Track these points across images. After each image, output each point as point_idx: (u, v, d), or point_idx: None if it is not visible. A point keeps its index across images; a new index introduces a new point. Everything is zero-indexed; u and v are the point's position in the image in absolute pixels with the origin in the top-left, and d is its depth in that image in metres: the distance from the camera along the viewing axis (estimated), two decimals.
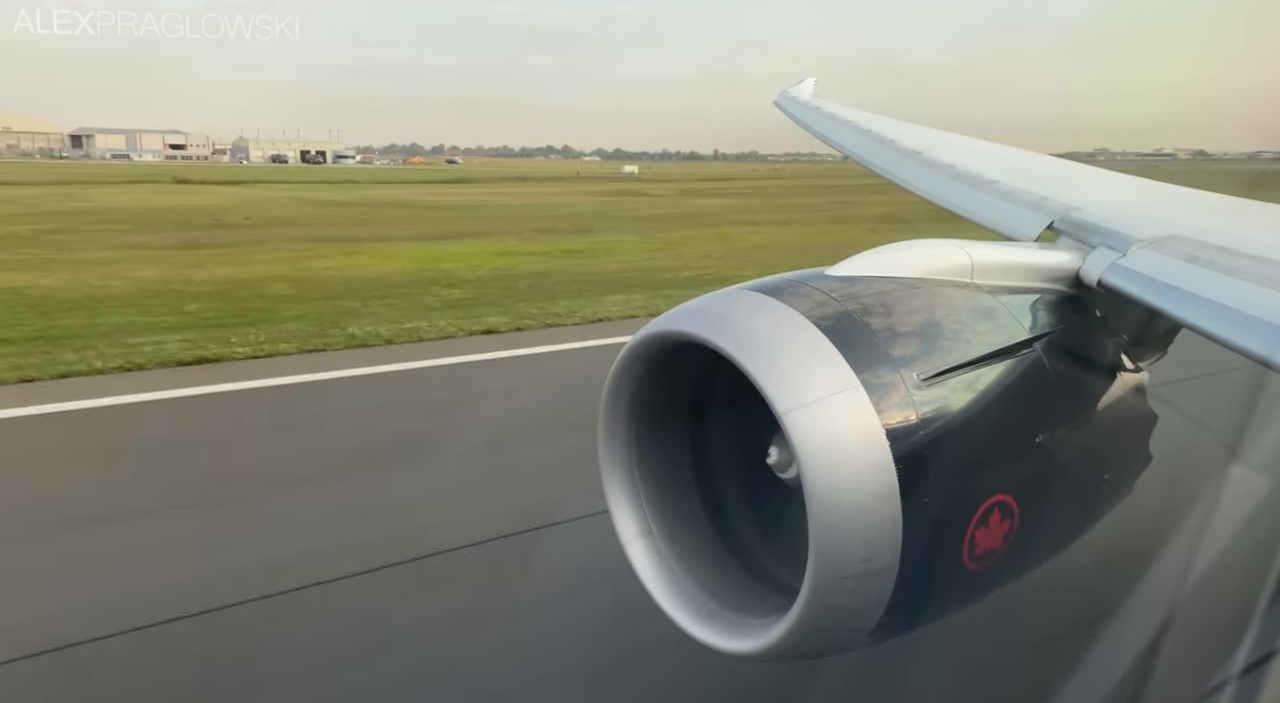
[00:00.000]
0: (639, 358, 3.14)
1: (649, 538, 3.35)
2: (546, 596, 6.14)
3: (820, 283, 3.05)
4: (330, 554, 6.63)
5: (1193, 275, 3.15)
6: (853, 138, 7.55)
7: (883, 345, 2.83)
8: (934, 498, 2.75)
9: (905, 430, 2.71)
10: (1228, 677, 1.65)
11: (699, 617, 3.16)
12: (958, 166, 5.72)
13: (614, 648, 5.48)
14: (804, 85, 9.80)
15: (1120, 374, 3.62)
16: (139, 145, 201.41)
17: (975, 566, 2.99)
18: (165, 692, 5.16)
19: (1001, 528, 3.00)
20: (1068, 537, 3.62)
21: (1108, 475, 3.64)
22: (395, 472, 8.52)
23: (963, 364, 2.94)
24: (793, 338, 2.77)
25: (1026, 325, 3.22)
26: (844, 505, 2.61)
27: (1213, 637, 3.22)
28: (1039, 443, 3.14)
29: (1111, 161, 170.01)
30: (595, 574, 5.63)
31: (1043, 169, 6.28)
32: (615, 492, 3.37)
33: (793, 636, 2.80)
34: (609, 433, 3.31)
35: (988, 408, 2.97)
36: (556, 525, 7.15)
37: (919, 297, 3.08)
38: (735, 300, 3.00)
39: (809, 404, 2.62)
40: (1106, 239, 3.61)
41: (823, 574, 2.67)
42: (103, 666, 5.32)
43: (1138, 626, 4.76)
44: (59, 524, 7.13)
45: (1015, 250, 3.73)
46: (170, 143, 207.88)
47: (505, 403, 11.06)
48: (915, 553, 2.72)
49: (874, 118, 7.92)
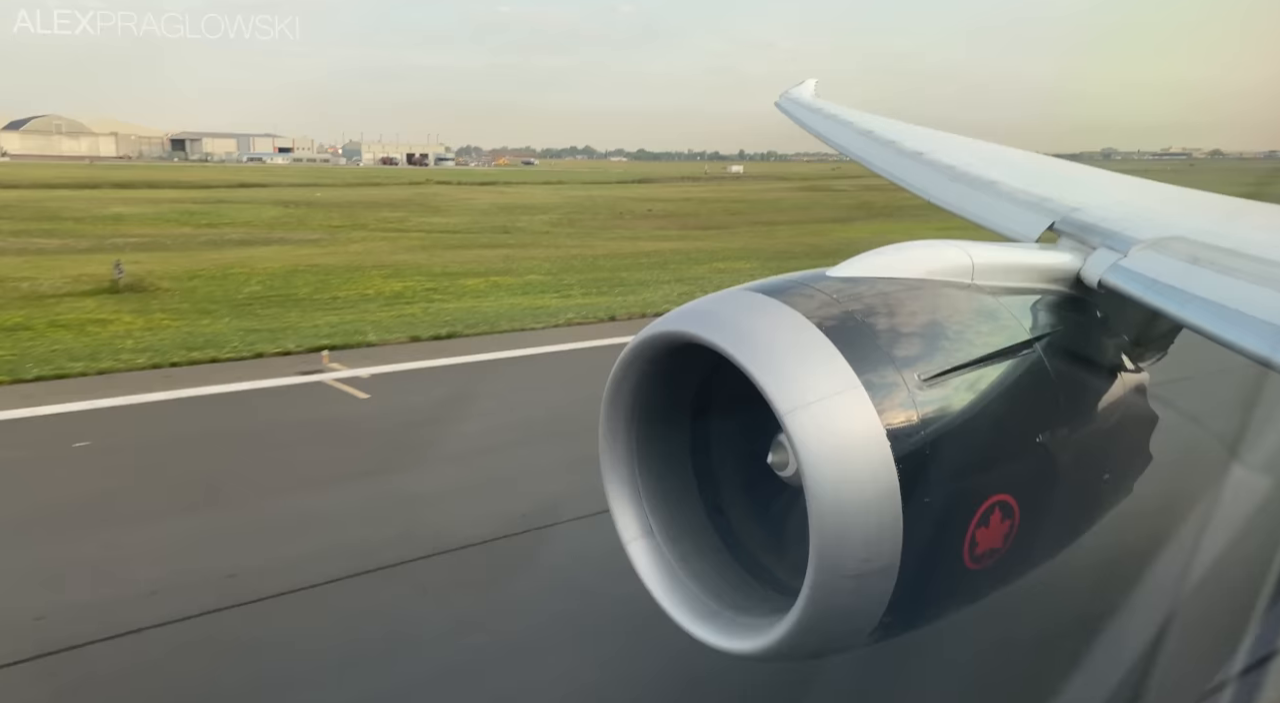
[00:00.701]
0: (640, 358, 3.14)
1: (650, 538, 3.36)
2: None
3: (821, 283, 3.05)
4: None
5: (1193, 276, 3.15)
6: (854, 139, 7.55)
7: (883, 346, 2.83)
8: (935, 498, 2.75)
9: (906, 431, 2.71)
10: (1228, 677, 1.65)
11: (700, 616, 3.17)
12: (959, 167, 5.72)
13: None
14: (805, 86, 9.77)
15: (1121, 375, 3.62)
16: (251, 148, 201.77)
17: (976, 565, 3.00)
18: None
19: (1002, 528, 3.00)
20: (1068, 536, 3.62)
21: (1108, 476, 3.64)
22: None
23: (963, 365, 2.94)
24: (794, 338, 2.78)
25: (1027, 326, 3.22)
26: (845, 505, 2.62)
27: (1213, 637, 3.22)
28: (1039, 443, 3.14)
29: (1128, 162, 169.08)
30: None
31: (1043, 170, 6.28)
32: (616, 491, 3.37)
33: (793, 635, 2.81)
34: (610, 433, 3.32)
35: (988, 408, 2.98)
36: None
37: (920, 297, 3.09)
38: (736, 301, 3.00)
39: (810, 404, 2.63)
40: (1107, 240, 3.61)
41: (823, 574, 2.68)
42: None
43: (1138, 625, 4.76)
44: None
45: (1016, 251, 3.74)
46: (279, 146, 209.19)
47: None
48: (916, 553, 2.72)
49: (875, 119, 7.91)
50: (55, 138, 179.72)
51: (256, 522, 7.18)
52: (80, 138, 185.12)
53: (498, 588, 6.16)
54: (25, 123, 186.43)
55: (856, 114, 8.28)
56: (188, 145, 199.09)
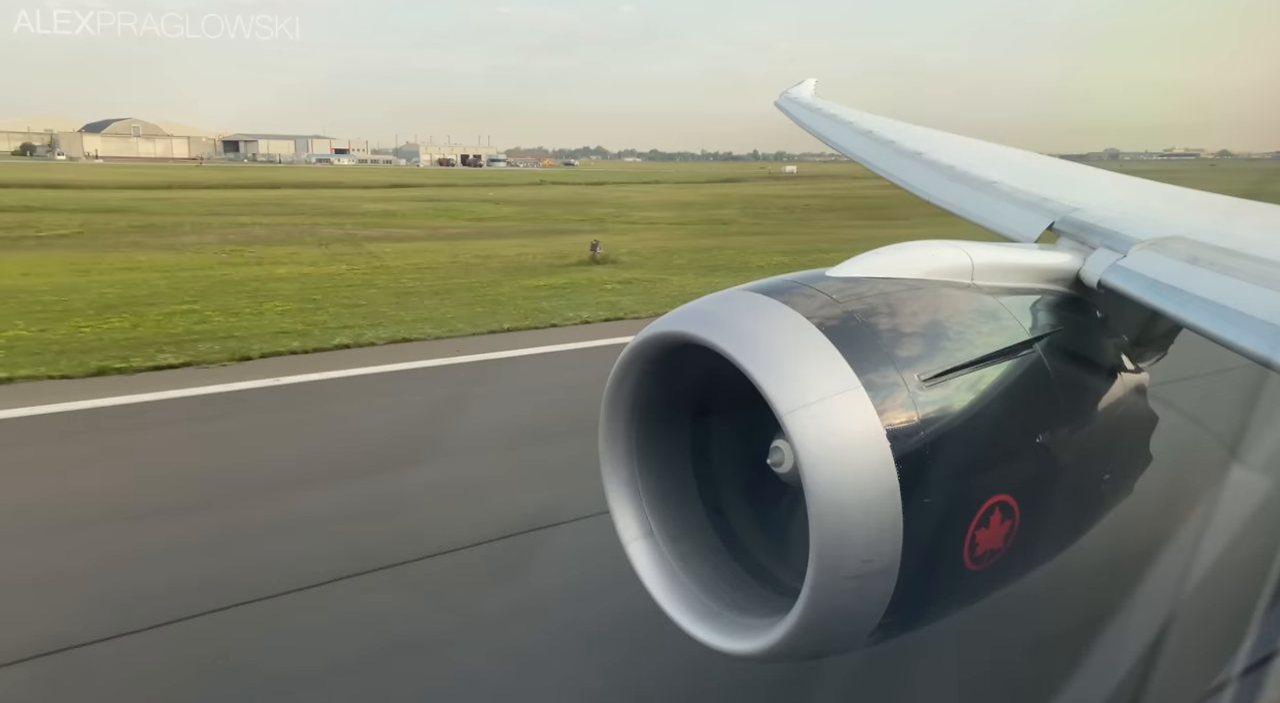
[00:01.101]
0: (640, 358, 3.14)
1: (650, 538, 3.36)
2: None
3: (821, 284, 3.05)
4: None
5: (1193, 276, 3.15)
6: (853, 139, 7.55)
7: (883, 346, 2.83)
8: (935, 498, 2.75)
9: (906, 431, 2.71)
10: (1228, 678, 1.65)
11: (700, 617, 3.16)
12: (958, 167, 5.72)
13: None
14: (804, 86, 9.77)
15: (1121, 375, 3.62)
16: (309, 150, 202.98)
17: (976, 566, 3.00)
18: None
19: (1002, 528, 3.00)
20: (1068, 537, 3.63)
21: (1108, 476, 3.64)
22: None
23: (963, 365, 2.94)
24: (793, 339, 2.78)
25: (1027, 326, 3.22)
26: (845, 506, 2.62)
27: (1213, 637, 3.21)
28: (1039, 444, 3.14)
29: (1137, 163, 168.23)
30: None
31: (1043, 170, 6.28)
32: (616, 492, 3.37)
33: (793, 636, 2.80)
34: (610, 433, 3.32)
35: (988, 409, 2.98)
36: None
37: (920, 298, 3.09)
38: (736, 301, 3.00)
39: (810, 405, 2.63)
40: (1107, 240, 3.61)
41: (824, 575, 2.67)
42: None
43: (1138, 626, 4.75)
44: None
45: (1016, 251, 3.73)
46: (335, 148, 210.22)
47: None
48: (916, 554, 2.72)
49: (874, 118, 7.92)
50: (133, 140, 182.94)
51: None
52: (155, 140, 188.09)
53: None
54: (104, 126, 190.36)
55: (856, 114, 8.28)
56: (241, 146, 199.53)
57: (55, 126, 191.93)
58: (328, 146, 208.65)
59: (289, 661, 5.24)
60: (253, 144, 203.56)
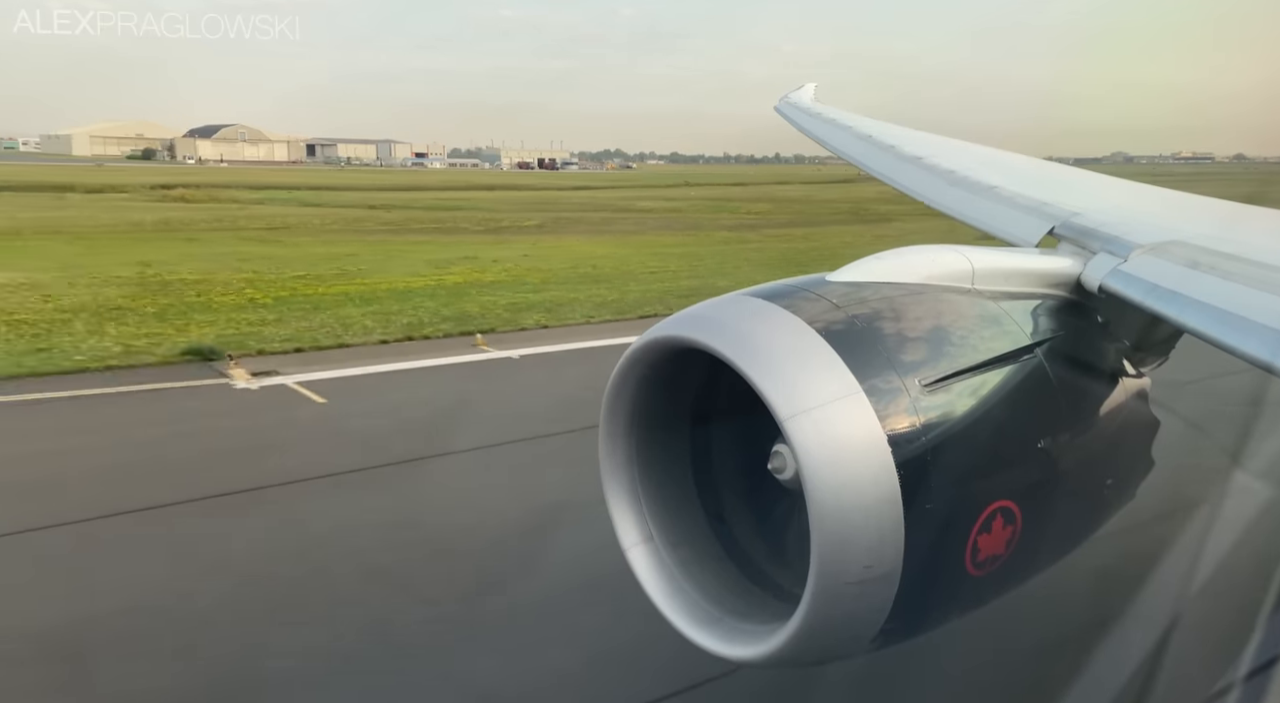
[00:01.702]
0: (640, 363, 3.13)
1: (650, 544, 3.34)
2: None
3: (821, 289, 3.04)
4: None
5: (1194, 281, 3.14)
6: (854, 143, 7.55)
7: (884, 351, 2.82)
8: (936, 504, 2.74)
9: (907, 436, 2.70)
10: (1231, 682, 1.64)
11: (700, 623, 3.14)
12: (958, 171, 5.72)
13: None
14: (804, 90, 9.77)
15: (1122, 380, 3.61)
16: (391, 154, 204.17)
17: (978, 571, 2.98)
18: None
19: (1004, 534, 2.99)
20: (1071, 542, 3.61)
21: (1110, 481, 3.63)
22: None
23: (964, 370, 2.93)
24: (794, 344, 2.77)
25: (1028, 331, 3.21)
26: (846, 512, 2.60)
27: (1216, 642, 3.21)
28: (1041, 449, 3.13)
29: (1154, 166, 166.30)
30: None
31: (1043, 174, 6.28)
32: (616, 497, 3.35)
33: (795, 642, 2.79)
34: (610, 438, 3.30)
35: (989, 414, 2.97)
36: None
37: (920, 302, 3.08)
38: (736, 306, 3.00)
39: (811, 410, 2.62)
40: (1107, 245, 3.60)
41: (825, 581, 2.66)
42: None
43: (1141, 631, 4.74)
44: None
45: (1016, 256, 3.73)
46: (415, 151, 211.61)
47: None
48: (918, 559, 2.70)
49: (875, 123, 7.91)
50: (239, 145, 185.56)
51: None
52: (259, 145, 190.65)
53: None
54: (214, 131, 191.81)
55: (856, 118, 8.28)
56: (318, 150, 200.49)
57: (153, 132, 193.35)
58: (408, 150, 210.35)
59: None
60: (331, 148, 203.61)
